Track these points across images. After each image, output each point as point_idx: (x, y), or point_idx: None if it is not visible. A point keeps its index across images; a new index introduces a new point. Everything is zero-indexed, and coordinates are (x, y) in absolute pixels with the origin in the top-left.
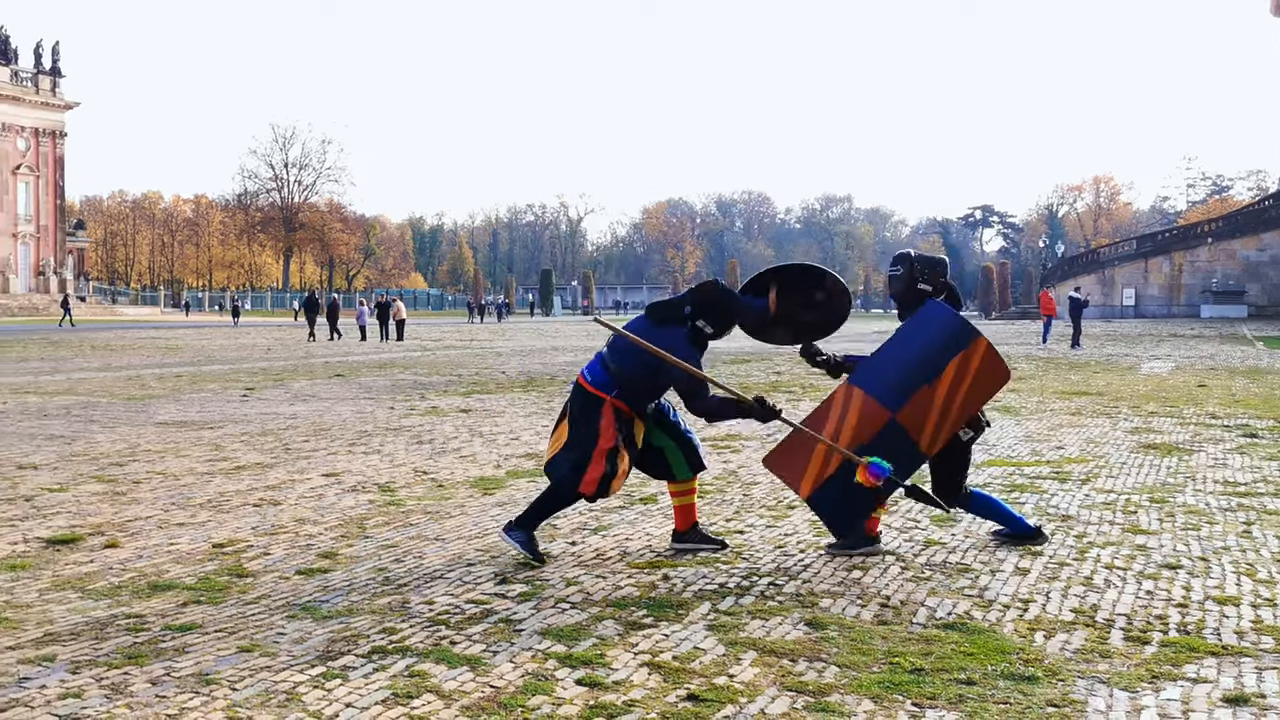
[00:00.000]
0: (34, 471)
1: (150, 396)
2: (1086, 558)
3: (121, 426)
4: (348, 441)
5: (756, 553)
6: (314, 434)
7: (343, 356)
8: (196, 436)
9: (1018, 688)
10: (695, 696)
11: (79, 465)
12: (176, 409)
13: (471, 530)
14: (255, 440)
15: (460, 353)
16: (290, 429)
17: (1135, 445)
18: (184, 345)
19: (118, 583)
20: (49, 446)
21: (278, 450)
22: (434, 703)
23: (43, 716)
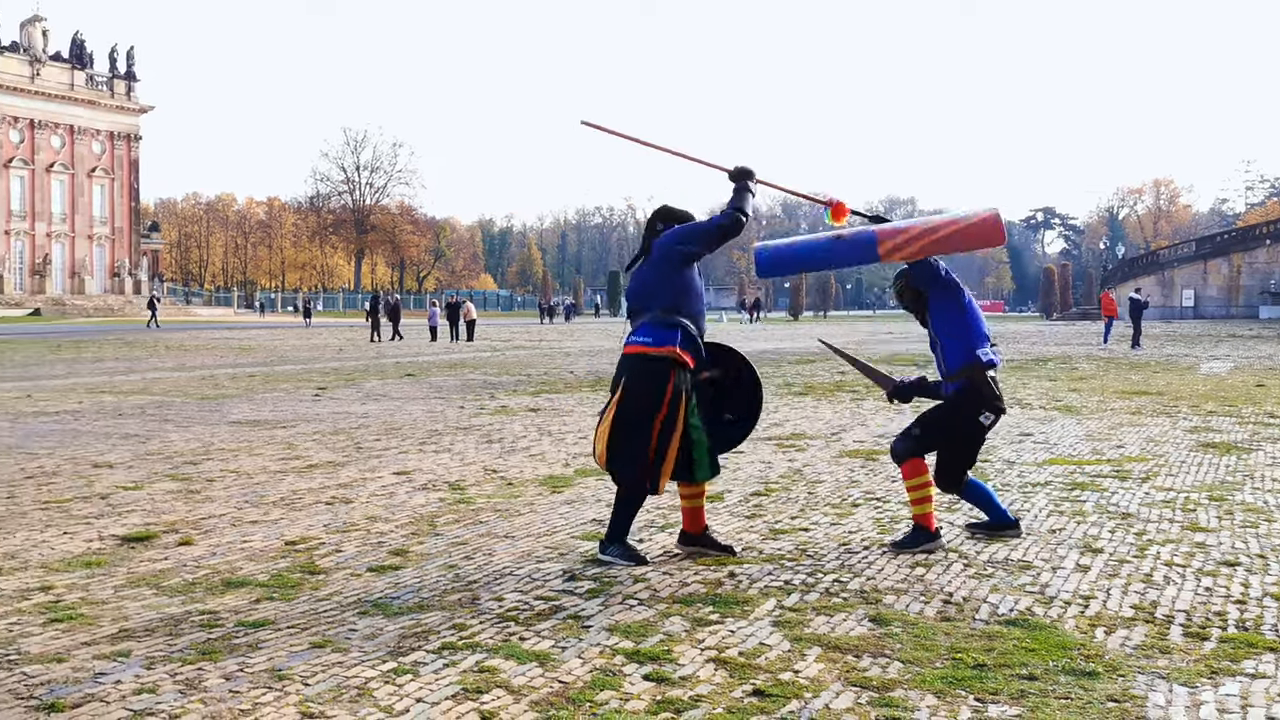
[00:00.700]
0: (109, 470)
1: (224, 396)
2: (1146, 555)
3: (195, 425)
4: (418, 440)
5: (821, 550)
6: (385, 433)
7: (413, 357)
8: (269, 435)
9: (1079, 683)
10: (761, 692)
11: (153, 464)
12: (249, 408)
13: (540, 528)
14: (327, 439)
15: (529, 353)
16: (362, 428)
17: (1194, 444)
18: (257, 345)
19: (192, 579)
20: (124, 445)
21: (349, 449)
22: (503, 698)
23: (118, 711)
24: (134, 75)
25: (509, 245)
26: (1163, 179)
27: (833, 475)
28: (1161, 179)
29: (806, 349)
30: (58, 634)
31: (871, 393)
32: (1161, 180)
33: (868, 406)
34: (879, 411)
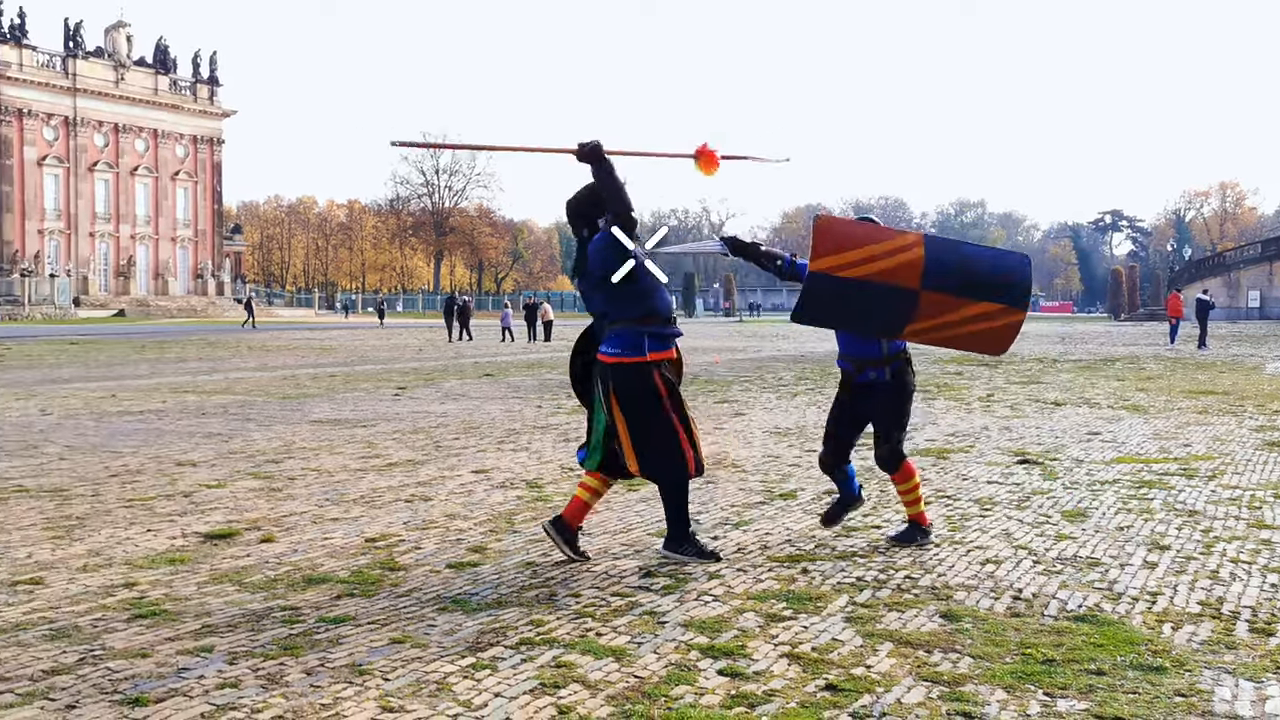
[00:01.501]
0: (192, 468)
1: (305, 395)
2: (1213, 552)
3: (277, 425)
4: (496, 439)
5: (892, 547)
6: (464, 431)
7: (491, 357)
8: (350, 434)
9: (1146, 678)
10: (833, 686)
11: (236, 462)
12: (330, 408)
13: (616, 525)
14: (407, 438)
15: None
16: (441, 427)
17: (1260, 443)
18: (337, 346)
19: (273, 576)
20: (207, 444)
21: (429, 447)
22: (580, 692)
23: (200, 706)
24: (216, 80)
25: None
26: (1229, 182)
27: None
28: (1227, 182)
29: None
30: (142, 630)
31: (943, 392)
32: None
33: (939, 405)
34: (950, 410)
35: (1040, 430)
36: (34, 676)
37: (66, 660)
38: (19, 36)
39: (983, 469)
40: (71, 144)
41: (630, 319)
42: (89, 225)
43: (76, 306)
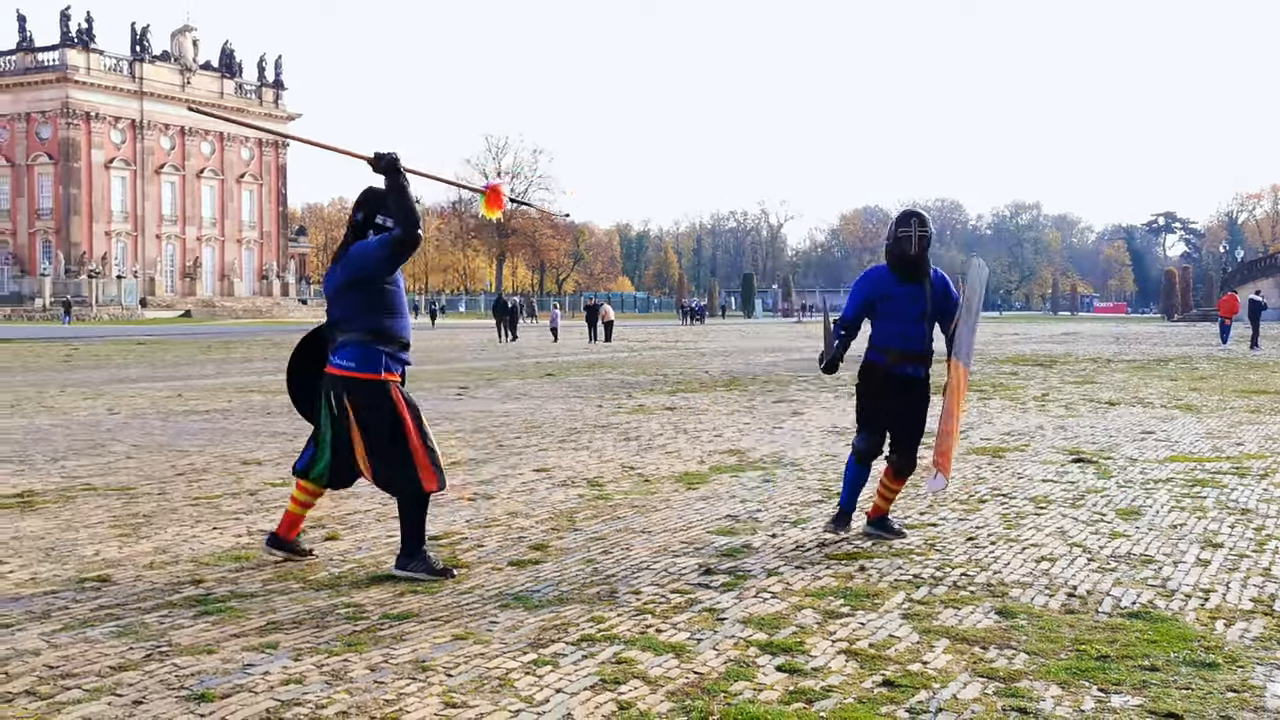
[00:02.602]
0: (258, 467)
1: None
2: (1265, 549)
3: None
4: (558, 438)
5: (949, 545)
6: (525, 431)
7: (552, 357)
8: None
9: (1199, 674)
10: (890, 682)
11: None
12: None
13: (676, 523)
14: (469, 437)
15: (665, 353)
16: (503, 426)
17: None
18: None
19: (337, 573)
20: (272, 443)
21: (491, 446)
22: (640, 688)
23: (266, 701)
24: (281, 84)
25: (645, 249)
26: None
27: (959, 472)
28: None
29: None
30: (208, 626)
31: (998, 391)
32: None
33: (994, 405)
34: (1005, 410)
35: (1094, 429)
36: (101, 672)
37: (134, 656)
38: (87, 41)
39: (1038, 468)
40: (138, 147)
41: (368, 332)
42: (155, 227)
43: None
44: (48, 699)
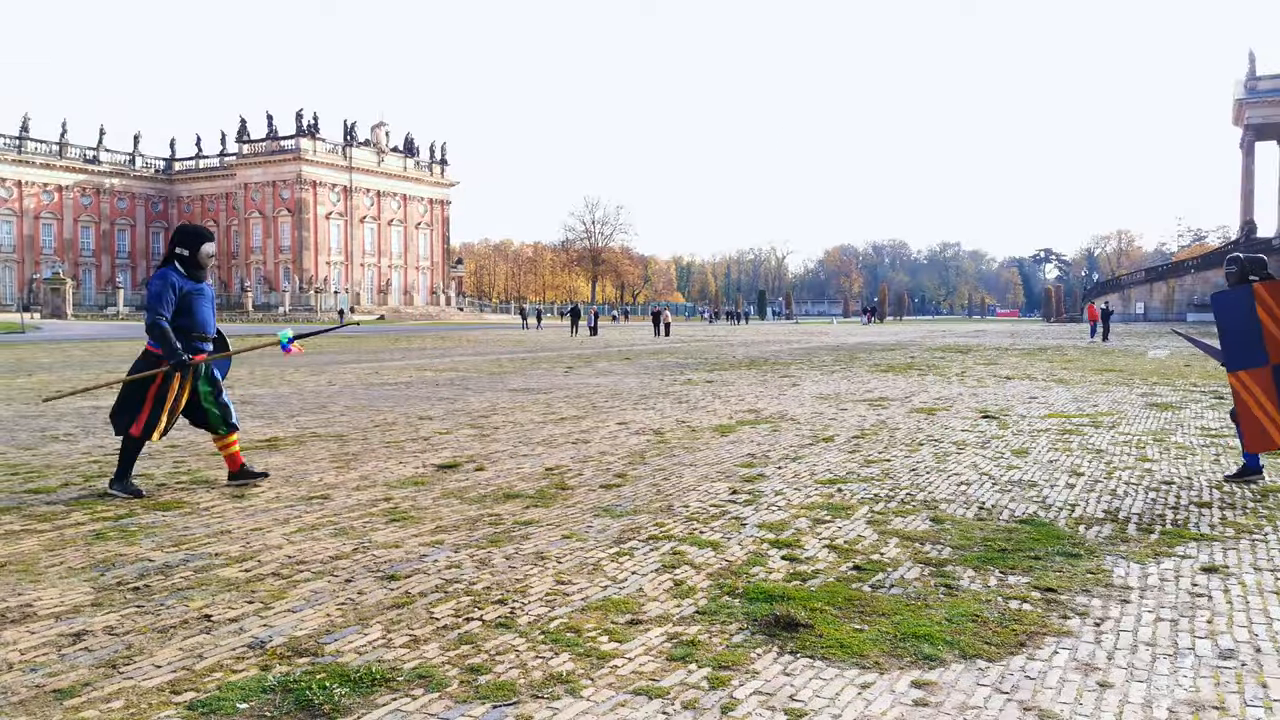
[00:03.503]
0: (429, 421)
1: (504, 373)
2: (1113, 478)
3: (486, 392)
4: (633, 401)
5: (898, 474)
6: (611, 396)
7: (629, 346)
8: (534, 399)
9: (1068, 561)
10: (859, 567)
11: (458, 417)
12: (521, 381)
13: (713, 459)
14: (573, 400)
15: (704, 344)
16: (596, 393)
17: (1144, 404)
18: (525, 339)
19: (484, 493)
20: (439, 405)
21: (588, 407)
22: (689, 571)
23: (435, 579)
24: (445, 161)
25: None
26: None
27: (906, 425)
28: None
29: (887, 342)
30: (395, 529)
31: (932, 370)
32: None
33: (929, 379)
34: (936, 383)
35: (997, 396)
36: (323, 560)
37: (345, 549)
38: (313, 132)
39: (959, 421)
40: (348, 204)
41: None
42: (360, 259)
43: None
44: (287, 579)
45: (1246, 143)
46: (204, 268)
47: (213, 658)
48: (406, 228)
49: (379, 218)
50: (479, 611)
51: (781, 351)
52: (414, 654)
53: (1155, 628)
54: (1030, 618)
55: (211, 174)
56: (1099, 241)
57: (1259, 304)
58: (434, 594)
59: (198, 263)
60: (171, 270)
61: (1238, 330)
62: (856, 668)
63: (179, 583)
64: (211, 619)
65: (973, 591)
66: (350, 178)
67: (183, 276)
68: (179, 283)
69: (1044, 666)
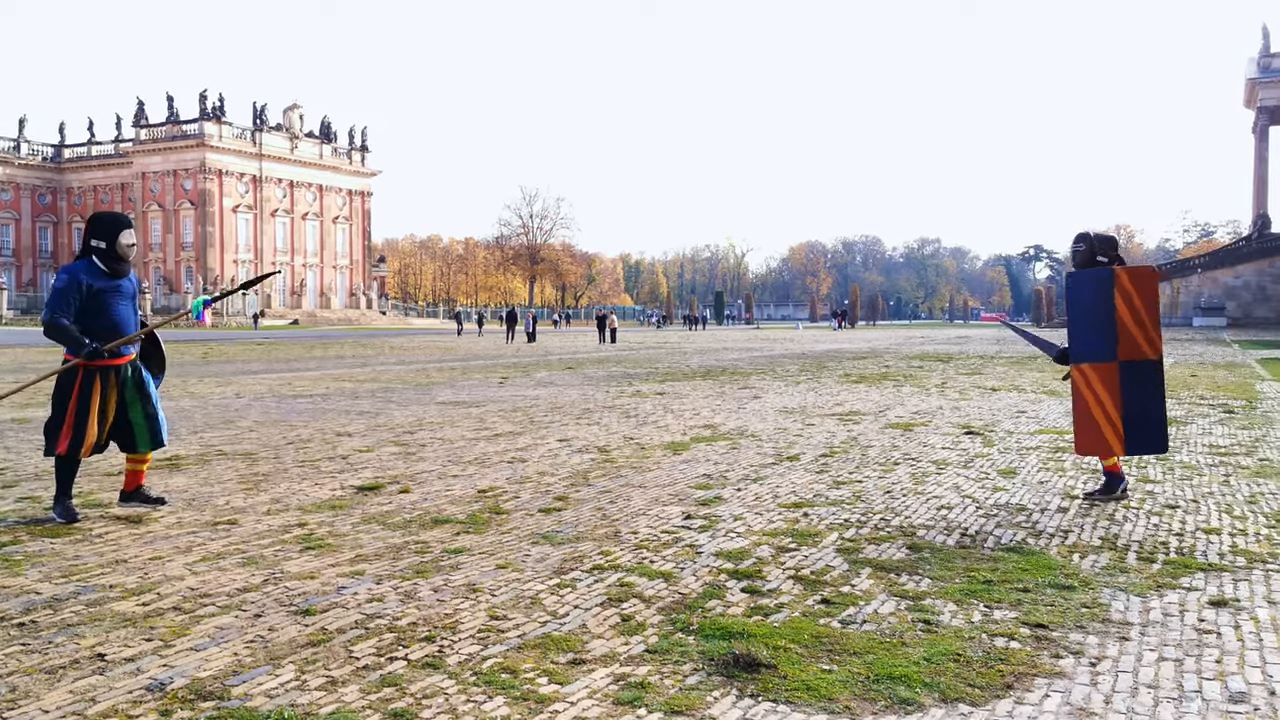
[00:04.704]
0: (349, 438)
1: (432, 384)
2: (1110, 500)
3: (412, 405)
4: (575, 416)
5: (871, 496)
6: (551, 410)
7: (571, 354)
8: (466, 412)
9: (1060, 594)
10: (827, 601)
11: (381, 433)
12: (451, 393)
13: (665, 480)
14: (509, 415)
15: (655, 352)
16: (534, 407)
17: None
18: (456, 346)
19: (409, 518)
20: (360, 420)
21: (525, 422)
22: (638, 605)
23: (355, 615)
24: (366, 147)
25: (641, 273)
26: (1122, 224)
27: (880, 442)
28: (1121, 224)
29: (859, 349)
30: (311, 558)
31: (909, 380)
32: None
33: (906, 391)
34: (914, 395)
35: (982, 409)
36: (230, 593)
37: (255, 581)
38: (219, 116)
39: (939, 438)
40: (258, 196)
41: None
42: (271, 256)
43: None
44: (189, 613)
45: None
46: (125, 259)
47: (106, 701)
48: (323, 222)
49: (292, 211)
50: (404, 650)
51: (741, 360)
52: (331, 697)
53: (1158, 668)
54: (1018, 657)
55: (105, 162)
56: None
57: (1117, 291)
58: (353, 630)
59: (117, 254)
60: (82, 266)
61: (1088, 317)
62: (825, 713)
63: (69, 618)
64: (105, 658)
65: (954, 628)
66: (260, 166)
67: (96, 272)
68: (88, 280)
69: (1034, 711)
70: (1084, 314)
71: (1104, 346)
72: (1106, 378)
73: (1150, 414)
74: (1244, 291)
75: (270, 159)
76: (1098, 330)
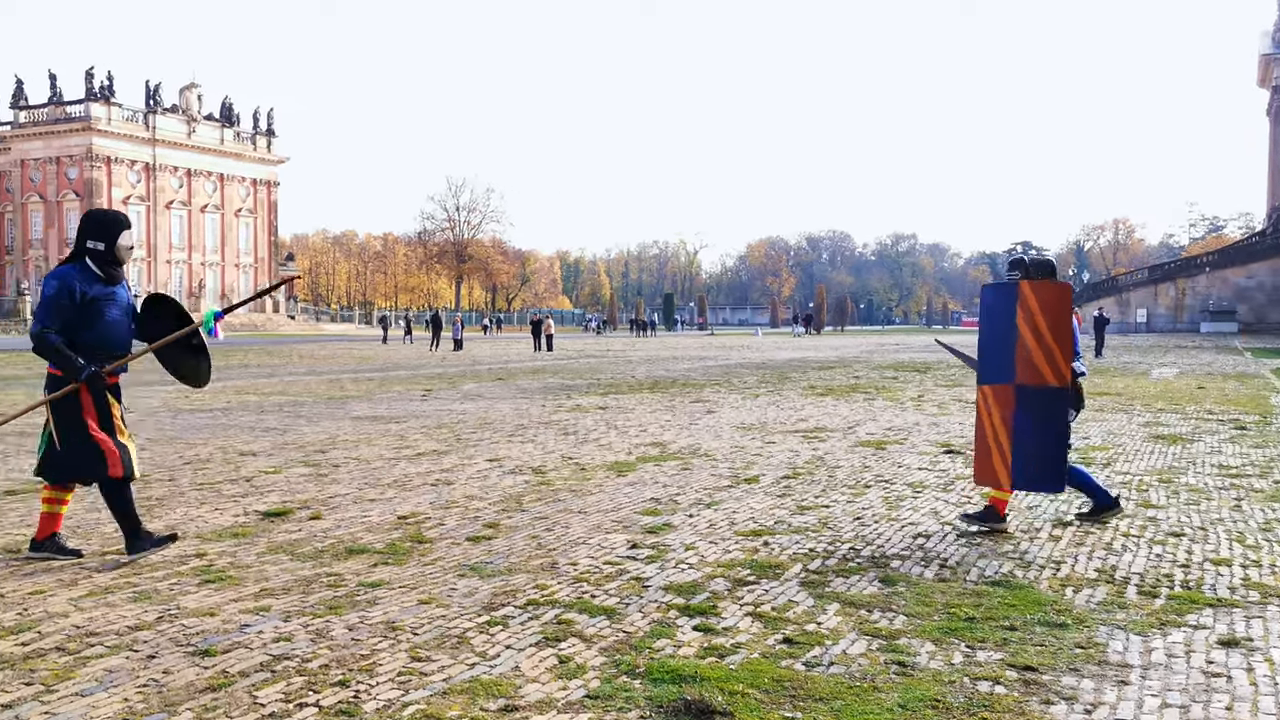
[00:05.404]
0: (253, 457)
1: (347, 397)
2: (1107, 527)
3: (324, 421)
4: (507, 433)
5: (839, 523)
6: (480, 427)
7: (503, 364)
8: (385, 429)
9: (1051, 633)
10: (790, 640)
11: (289, 452)
12: (368, 407)
13: (608, 505)
14: (433, 432)
15: (598, 361)
16: (461, 422)
17: (1147, 435)
18: (373, 355)
19: (321, 547)
20: (265, 437)
21: (451, 440)
22: (577, 645)
23: (260, 656)
24: (273, 132)
25: (581, 272)
26: (1120, 218)
27: (849, 462)
28: (1120, 218)
29: (825, 357)
30: (211, 593)
31: (882, 393)
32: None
33: (878, 405)
34: (887, 409)
35: (963, 425)
36: (120, 632)
37: (148, 618)
38: (108, 96)
39: (915, 457)
40: (151, 186)
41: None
42: (166, 254)
43: None
44: (75, 654)
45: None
46: (123, 264)
47: None
48: (224, 215)
49: (190, 202)
50: (314, 695)
51: (693, 370)
52: None
53: (1161, 715)
54: (1004, 703)
55: None
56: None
57: (1020, 307)
58: (258, 673)
59: (116, 258)
60: (75, 270)
61: (992, 335)
62: None
63: None
64: None
65: (933, 671)
66: (154, 153)
67: (91, 278)
68: (82, 287)
69: None
70: (988, 330)
71: (1003, 367)
72: (1003, 401)
73: (1043, 447)
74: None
75: (165, 144)
76: (999, 349)
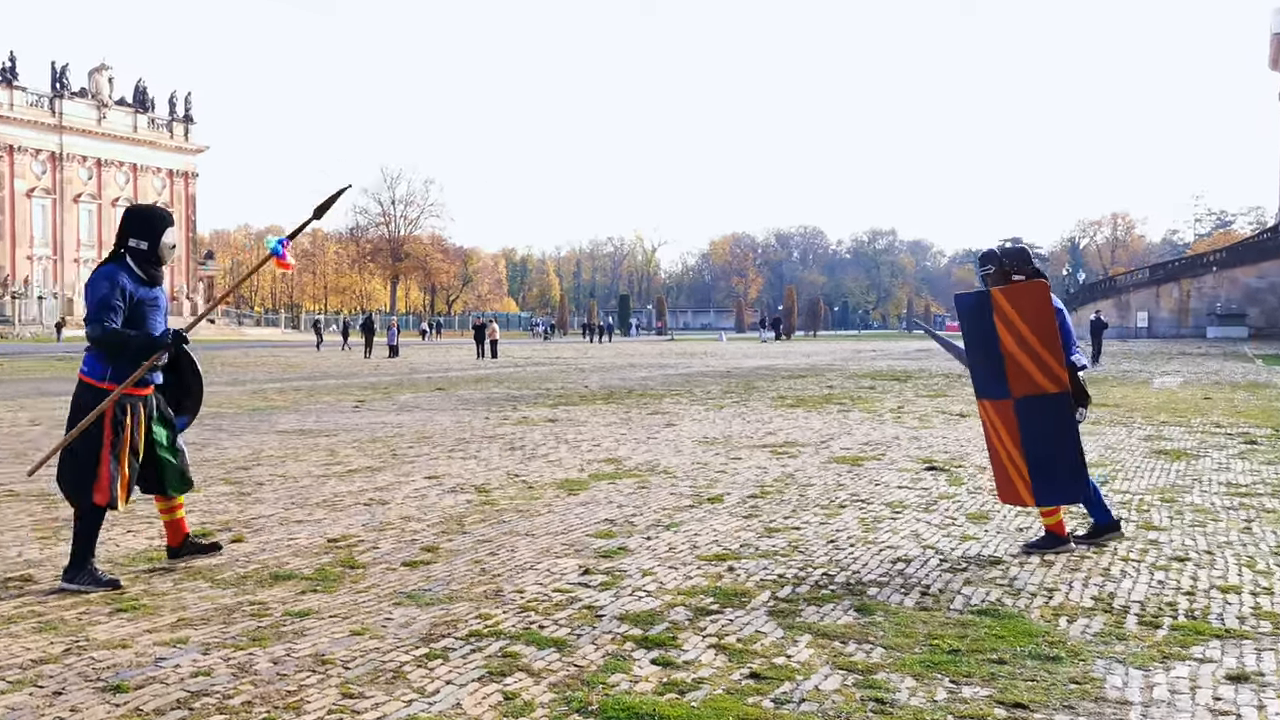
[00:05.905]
0: None
1: (272, 408)
2: (1105, 551)
3: (247, 435)
4: (447, 448)
5: (811, 547)
6: (418, 441)
7: (443, 372)
8: (313, 443)
9: (1043, 667)
10: (757, 675)
11: (209, 469)
12: (295, 419)
13: (558, 527)
14: (366, 446)
15: (547, 369)
16: (397, 436)
17: (1148, 451)
18: (302, 362)
19: (243, 573)
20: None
21: (386, 456)
22: (524, 680)
23: (177, 692)
24: (191, 118)
25: (529, 272)
26: (1119, 212)
27: (822, 479)
28: (1118, 212)
29: (796, 365)
30: (123, 623)
31: (858, 404)
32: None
33: (854, 417)
34: (864, 422)
35: (946, 440)
36: (23, 665)
37: (54, 650)
38: (10, 78)
39: (894, 475)
40: (58, 177)
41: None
42: (74, 252)
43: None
44: None
45: None
46: (164, 264)
47: None
48: None
49: (100, 196)
50: None
51: (651, 379)
52: None
53: None
54: None
55: None
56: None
57: (996, 316)
58: (175, 711)
59: (159, 258)
60: (120, 269)
61: (978, 347)
62: None
63: None
64: None
65: (914, 708)
66: (61, 141)
67: (134, 278)
68: (130, 287)
69: None
70: (972, 345)
71: (997, 382)
72: (1005, 418)
73: (1058, 457)
74: (1270, 295)
75: (73, 132)
76: (987, 363)
